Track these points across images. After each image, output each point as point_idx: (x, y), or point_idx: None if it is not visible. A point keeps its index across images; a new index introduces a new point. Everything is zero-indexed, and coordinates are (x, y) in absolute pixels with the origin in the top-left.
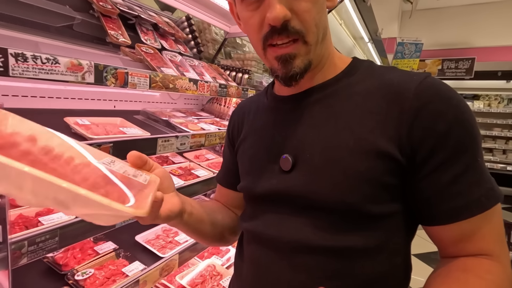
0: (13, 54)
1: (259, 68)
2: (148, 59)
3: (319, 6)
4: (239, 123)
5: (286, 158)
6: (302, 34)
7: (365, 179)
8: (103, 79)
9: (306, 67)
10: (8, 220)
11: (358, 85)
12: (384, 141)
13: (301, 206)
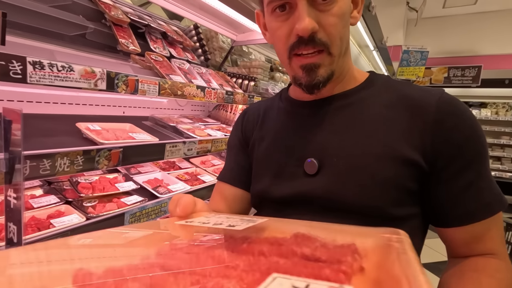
0: (31, 62)
1: (265, 76)
2: (157, 66)
3: (344, 21)
4: (253, 123)
5: (312, 162)
6: (327, 45)
7: (392, 184)
8: (114, 86)
9: (329, 77)
10: (23, 222)
11: (379, 97)
12: (409, 149)
13: (325, 209)
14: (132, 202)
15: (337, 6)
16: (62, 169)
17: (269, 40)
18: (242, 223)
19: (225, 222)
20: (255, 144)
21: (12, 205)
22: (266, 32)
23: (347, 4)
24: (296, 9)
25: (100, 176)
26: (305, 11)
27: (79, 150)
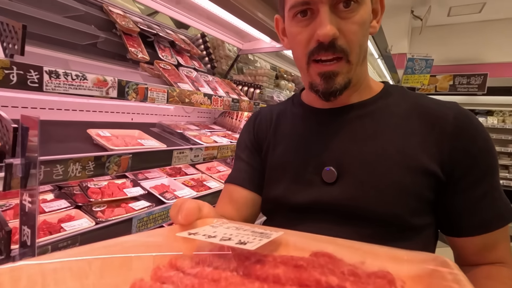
0: (47, 71)
1: (270, 83)
2: (166, 74)
3: (365, 30)
4: (266, 126)
5: (331, 171)
6: (346, 53)
7: (411, 193)
8: (125, 94)
9: (346, 85)
10: (37, 225)
11: (396, 107)
12: (427, 159)
13: (344, 217)
14: (139, 208)
15: (359, 14)
16: (74, 175)
17: (287, 46)
18: (255, 239)
19: (234, 237)
20: (269, 148)
21: (27, 208)
22: (285, 38)
23: (367, 13)
24: (318, 15)
25: (108, 182)
26: (327, 18)
27: (91, 156)
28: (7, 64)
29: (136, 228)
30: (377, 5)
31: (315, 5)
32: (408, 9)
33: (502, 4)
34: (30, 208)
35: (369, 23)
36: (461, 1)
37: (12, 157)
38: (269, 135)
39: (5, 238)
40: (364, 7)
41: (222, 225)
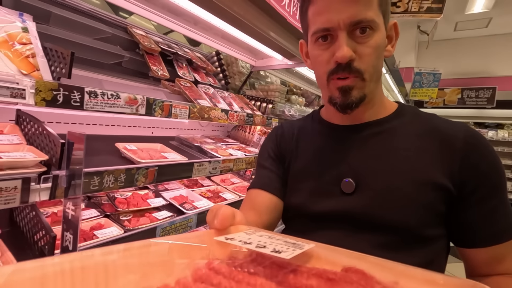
0: (88, 91)
1: (282, 98)
2: (186, 92)
3: (379, 52)
4: (289, 139)
5: (349, 182)
6: (361, 73)
7: (423, 205)
8: (152, 111)
9: (362, 98)
10: (79, 231)
11: (410, 126)
12: (439, 175)
13: (360, 226)
14: (162, 217)
15: (373, 39)
16: (107, 185)
17: (310, 66)
18: (288, 249)
19: (268, 245)
20: (291, 160)
21: (70, 216)
22: (308, 59)
23: (382, 38)
24: (337, 40)
25: (133, 192)
26: (345, 42)
27: (122, 169)
28: (55, 86)
29: (160, 236)
30: (392, 32)
31: (335, 32)
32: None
33: (509, 19)
34: (74, 215)
35: (383, 47)
36: (467, 17)
37: (58, 169)
38: (291, 147)
39: (50, 243)
40: (378, 33)
41: (256, 232)
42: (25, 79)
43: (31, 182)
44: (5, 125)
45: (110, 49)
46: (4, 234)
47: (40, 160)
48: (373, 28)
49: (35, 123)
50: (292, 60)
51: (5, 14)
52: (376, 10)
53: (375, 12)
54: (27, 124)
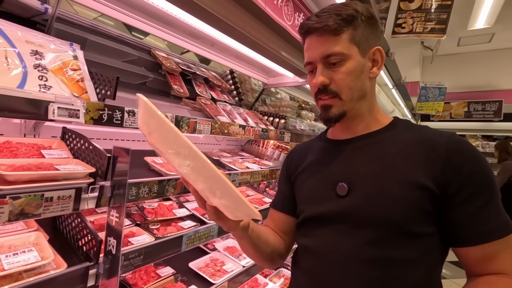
0: (127, 110)
1: (293, 114)
2: (207, 109)
3: (354, 76)
4: (297, 160)
5: (343, 186)
6: (337, 94)
7: (409, 204)
8: (180, 127)
9: (341, 115)
10: (122, 237)
11: (400, 136)
12: (423, 177)
13: (355, 225)
14: (187, 226)
15: (344, 67)
16: (142, 195)
17: None
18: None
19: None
20: (297, 177)
21: (114, 223)
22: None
23: (354, 65)
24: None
25: (158, 203)
26: (320, 72)
27: (156, 180)
28: (101, 106)
29: (185, 245)
30: (377, 56)
31: (315, 64)
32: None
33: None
34: (117, 222)
35: (360, 71)
36: (470, 32)
37: (104, 180)
38: (297, 166)
39: (97, 247)
40: (350, 62)
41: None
42: (78, 101)
43: (82, 191)
44: (53, 141)
45: (136, 70)
46: (49, 240)
47: (89, 172)
48: (343, 58)
49: (81, 139)
50: (303, 78)
51: (60, 44)
52: (346, 44)
53: (344, 46)
54: (73, 140)
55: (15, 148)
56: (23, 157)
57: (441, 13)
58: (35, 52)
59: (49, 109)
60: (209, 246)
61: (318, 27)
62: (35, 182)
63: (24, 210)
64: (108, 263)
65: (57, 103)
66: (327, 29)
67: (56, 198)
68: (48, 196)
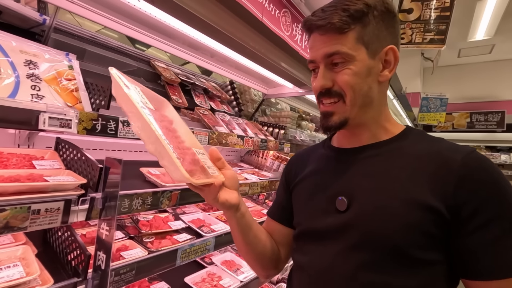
0: (121, 121)
1: (293, 124)
2: (205, 119)
3: (358, 79)
4: (296, 168)
5: (342, 200)
6: (341, 95)
7: (412, 226)
8: None
9: (342, 123)
10: (112, 252)
11: (409, 148)
12: (431, 197)
13: (352, 244)
14: (183, 240)
15: (348, 68)
16: (136, 208)
17: None
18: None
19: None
20: (296, 186)
21: (104, 236)
22: None
23: (360, 67)
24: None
25: (154, 215)
26: (321, 73)
27: (150, 192)
28: (95, 116)
29: (180, 258)
30: (390, 56)
31: (318, 64)
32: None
33: None
34: (107, 235)
35: (366, 74)
36: (470, 44)
37: (95, 192)
38: (296, 175)
39: (85, 262)
40: (354, 63)
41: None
42: (71, 111)
43: (71, 203)
44: (46, 152)
45: None
46: (38, 254)
47: (80, 183)
48: (347, 59)
49: (74, 150)
50: (303, 88)
51: (55, 54)
52: (352, 44)
53: (349, 46)
54: (66, 150)
55: (6, 158)
56: (13, 168)
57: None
58: (29, 62)
59: (40, 118)
60: (206, 260)
61: (320, 25)
62: (23, 194)
63: (9, 223)
64: (97, 279)
65: (49, 112)
66: (330, 27)
67: (43, 211)
68: (35, 209)
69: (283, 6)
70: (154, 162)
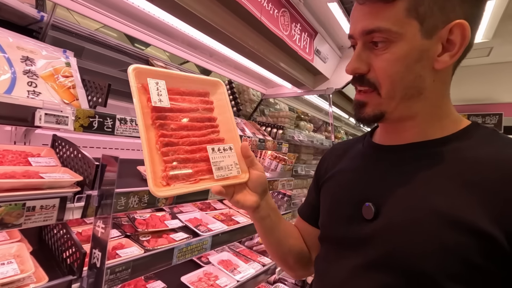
0: (119, 118)
1: (291, 124)
2: None
3: (400, 66)
4: (329, 163)
5: (369, 207)
6: (375, 86)
7: (449, 250)
8: None
9: (377, 116)
10: (107, 250)
11: (469, 151)
12: (485, 219)
13: (372, 261)
14: (179, 239)
15: (390, 52)
16: (132, 206)
17: None
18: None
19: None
20: (325, 182)
21: (100, 234)
22: None
23: (405, 50)
24: None
25: (151, 214)
26: (356, 53)
27: (146, 190)
28: (92, 114)
29: (176, 257)
30: (456, 35)
31: (356, 40)
32: None
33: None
34: (103, 233)
35: (416, 59)
36: None
37: (90, 190)
38: (327, 170)
39: (81, 259)
40: (400, 45)
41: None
42: (67, 108)
43: (67, 201)
44: (42, 149)
45: None
46: (34, 252)
47: (75, 180)
48: (390, 39)
49: (71, 147)
50: (301, 88)
51: (53, 51)
52: (400, 17)
53: (395, 20)
54: (62, 147)
55: (1, 155)
56: (9, 165)
57: None
58: (26, 58)
59: (36, 115)
60: (203, 259)
61: None
62: (18, 191)
63: (3, 220)
64: (93, 277)
65: (45, 109)
66: None
67: (39, 208)
68: (30, 206)
69: (281, 5)
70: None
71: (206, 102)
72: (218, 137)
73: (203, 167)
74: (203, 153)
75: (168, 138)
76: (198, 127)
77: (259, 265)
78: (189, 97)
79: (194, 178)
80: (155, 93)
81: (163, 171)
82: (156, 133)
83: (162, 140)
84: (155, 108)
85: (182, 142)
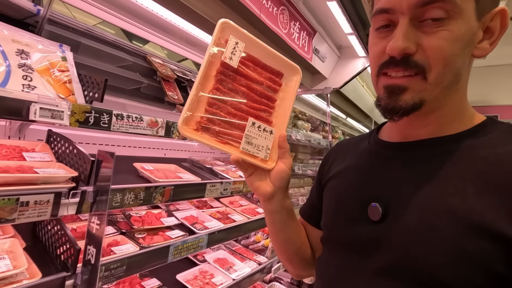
0: (115, 114)
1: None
2: None
3: (457, 47)
4: (332, 161)
5: (376, 207)
6: (423, 69)
7: (468, 258)
8: (170, 133)
9: (416, 105)
10: (102, 246)
11: (486, 150)
12: (504, 220)
13: (380, 267)
14: (175, 236)
15: (447, 29)
16: (128, 202)
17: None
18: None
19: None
20: (328, 181)
21: (94, 230)
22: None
23: (465, 30)
24: (397, 27)
25: (147, 211)
26: (403, 30)
27: (142, 187)
28: (88, 109)
29: (172, 255)
30: (495, 22)
31: (395, 16)
32: None
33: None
34: (98, 230)
35: (467, 42)
36: None
37: (86, 186)
38: (330, 168)
39: (75, 256)
40: (458, 22)
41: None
42: (63, 102)
43: (62, 196)
44: (37, 144)
45: (130, 76)
46: (27, 248)
47: (71, 176)
48: (450, 15)
49: (66, 142)
50: (299, 87)
51: (49, 45)
52: None
53: None
54: (58, 143)
55: None
56: (3, 159)
57: None
58: (21, 51)
59: (31, 109)
60: (199, 257)
61: None
62: (12, 185)
63: None
64: (87, 274)
65: (40, 103)
66: None
67: (32, 203)
68: (24, 201)
69: (281, 3)
70: (148, 157)
71: (274, 82)
72: (267, 117)
73: (237, 134)
74: (244, 122)
75: (221, 92)
76: (254, 99)
77: (255, 263)
78: (261, 70)
79: (222, 138)
80: (230, 51)
81: (199, 118)
82: (213, 85)
83: (214, 92)
84: (223, 63)
85: (230, 103)
